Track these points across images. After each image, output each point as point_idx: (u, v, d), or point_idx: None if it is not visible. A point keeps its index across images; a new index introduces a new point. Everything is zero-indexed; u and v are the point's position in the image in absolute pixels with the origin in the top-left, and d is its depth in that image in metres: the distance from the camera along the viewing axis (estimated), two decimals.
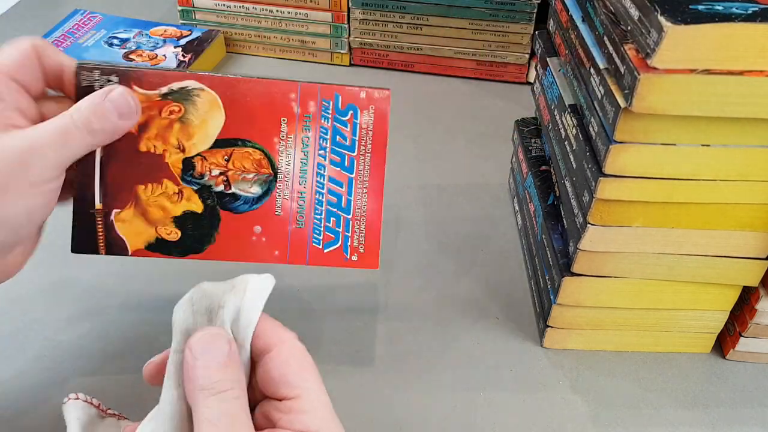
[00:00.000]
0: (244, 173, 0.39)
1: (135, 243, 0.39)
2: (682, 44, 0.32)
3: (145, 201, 0.39)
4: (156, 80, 0.38)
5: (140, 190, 0.39)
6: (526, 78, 0.76)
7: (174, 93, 0.38)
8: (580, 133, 0.42)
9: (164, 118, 0.38)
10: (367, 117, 0.40)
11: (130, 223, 0.39)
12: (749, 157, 0.37)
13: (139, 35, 0.77)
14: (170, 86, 0.38)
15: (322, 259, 0.40)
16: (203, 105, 0.38)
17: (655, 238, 0.41)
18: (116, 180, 0.38)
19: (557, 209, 0.48)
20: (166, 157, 0.38)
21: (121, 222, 0.39)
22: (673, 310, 0.46)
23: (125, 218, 0.39)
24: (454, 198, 0.61)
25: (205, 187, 0.39)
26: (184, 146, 0.39)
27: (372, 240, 0.41)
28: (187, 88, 0.38)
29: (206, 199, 0.39)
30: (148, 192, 0.39)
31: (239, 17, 0.77)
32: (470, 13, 0.72)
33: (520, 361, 0.47)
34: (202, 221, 0.39)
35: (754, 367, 0.47)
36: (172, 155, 0.39)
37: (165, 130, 0.38)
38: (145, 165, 0.38)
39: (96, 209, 0.38)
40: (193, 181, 0.39)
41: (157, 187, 0.39)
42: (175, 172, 0.39)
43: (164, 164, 0.39)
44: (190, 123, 0.38)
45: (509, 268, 0.54)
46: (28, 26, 0.82)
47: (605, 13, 0.38)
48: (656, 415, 0.44)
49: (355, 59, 0.78)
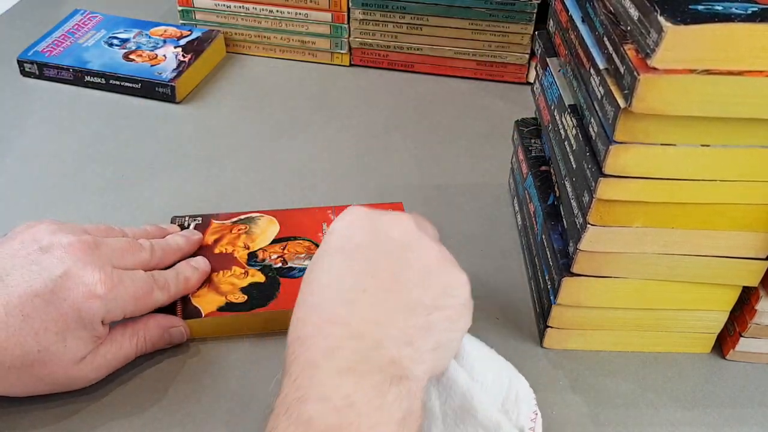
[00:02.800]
0: (297, 255, 0.51)
1: (208, 308, 0.47)
2: (682, 44, 0.32)
3: (217, 282, 0.49)
4: (229, 215, 0.54)
5: (213, 276, 0.49)
6: (526, 78, 0.75)
7: (241, 220, 0.54)
8: (580, 133, 0.42)
9: (234, 233, 0.52)
10: None
11: (205, 296, 0.48)
12: (749, 157, 0.37)
13: (139, 35, 0.77)
14: (239, 217, 0.54)
15: None
16: (263, 223, 0.53)
17: (655, 239, 0.41)
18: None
19: (557, 209, 0.48)
20: (235, 254, 0.51)
21: (197, 297, 0.47)
22: (673, 310, 0.46)
23: (200, 294, 0.48)
24: (454, 198, 0.61)
25: (266, 266, 0.50)
26: (249, 246, 0.51)
27: None
28: (250, 216, 0.54)
29: (268, 273, 0.49)
30: (219, 276, 0.49)
31: (239, 17, 0.77)
32: (470, 13, 0.72)
33: (520, 361, 0.47)
34: (265, 287, 0.48)
35: (754, 367, 0.47)
36: (239, 251, 0.51)
37: (234, 239, 0.52)
38: (218, 261, 0.50)
39: None
40: (256, 264, 0.50)
41: (227, 272, 0.49)
42: (242, 260, 0.50)
43: (233, 258, 0.50)
44: (253, 233, 0.52)
45: (509, 268, 0.54)
46: (28, 26, 0.82)
47: (605, 13, 0.38)
48: (656, 415, 0.44)
49: (355, 59, 0.78)
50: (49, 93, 0.72)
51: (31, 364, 0.39)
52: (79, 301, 0.39)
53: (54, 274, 0.40)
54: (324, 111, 0.71)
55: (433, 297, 0.35)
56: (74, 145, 0.65)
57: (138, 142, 0.66)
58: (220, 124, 0.69)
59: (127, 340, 0.43)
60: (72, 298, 0.39)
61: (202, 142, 0.66)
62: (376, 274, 0.35)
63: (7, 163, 0.63)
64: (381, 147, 0.66)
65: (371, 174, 0.63)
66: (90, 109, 0.70)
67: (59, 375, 0.40)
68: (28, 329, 0.38)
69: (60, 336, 0.39)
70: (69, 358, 0.40)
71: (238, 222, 0.53)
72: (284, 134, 0.68)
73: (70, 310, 0.39)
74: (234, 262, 0.50)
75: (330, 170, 0.63)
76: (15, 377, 0.39)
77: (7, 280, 0.39)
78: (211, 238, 0.52)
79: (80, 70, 0.72)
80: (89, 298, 0.40)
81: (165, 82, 0.70)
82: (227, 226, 0.53)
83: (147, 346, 0.44)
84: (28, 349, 0.38)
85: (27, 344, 0.38)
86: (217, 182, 0.62)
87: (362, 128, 0.69)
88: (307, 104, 0.72)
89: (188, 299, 0.47)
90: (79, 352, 0.40)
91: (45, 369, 0.39)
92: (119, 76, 0.71)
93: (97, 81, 0.72)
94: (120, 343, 0.43)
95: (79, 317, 0.39)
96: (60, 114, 0.69)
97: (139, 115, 0.69)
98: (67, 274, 0.40)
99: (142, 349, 0.44)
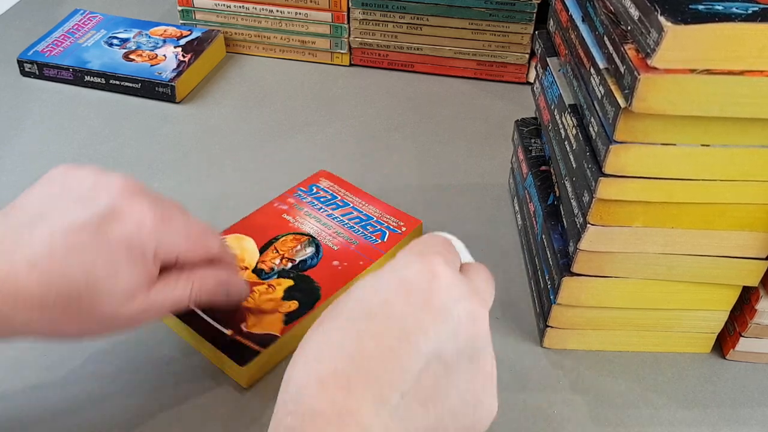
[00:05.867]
0: (296, 249, 0.51)
1: (275, 328, 0.46)
2: (682, 44, 0.32)
3: (255, 306, 0.47)
4: None
5: (246, 305, 0.47)
6: (526, 78, 0.76)
7: None
8: (580, 133, 0.42)
9: None
10: (325, 183, 0.58)
11: (260, 322, 0.46)
12: (749, 157, 0.37)
13: (139, 35, 0.77)
14: None
15: (387, 245, 0.53)
16: (235, 242, 0.52)
17: (655, 238, 0.41)
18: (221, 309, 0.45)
19: (557, 209, 0.48)
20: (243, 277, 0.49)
21: (254, 326, 0.46)
22: (673, 310, 0.46)
23: (253, 323, 0.46)
24: (454, 198, 0.61)
25: (281, 271, 0.50)
26: (244, 266, 0.50)
27: (401, 216, 0.56)
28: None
29: (289, 275, 0.50)
30: (251, 301, 0.48)
31: (239, 17, 0.77)
32: (470, 13, 0.72)
33: (520, 361, 0.47)
34: (302, 286, 0.49)
35: (754, 367, 0.47)
36: (244, 274, 0.50)
37: None
38: None
39: (229, 334, 0.46)
40: (270, 275, 0.50)
41: (254, 294, 0.48)
42: (254, 279, 0.49)
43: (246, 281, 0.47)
44: (236, 255, 0.50)
45: (509, 268, 0.54)
46: (28, 26, 0.82)
47: (605, 13, 0.38)
48: (656, 415, 0.44)
49: (355, 59, 0.78)
50: (49, 93, 0.72)
51: (78, 297, 0.36)
52: (128, 234, 0.37)
53: (100, 207, 0.37)
54: (324, 111, 0.71)
55: (458, 428, 0.32)
56: (74, 145, 0.65)
57: (138, 142, 0.66)
58: (220, 124, 0.69)
59: (180, 284, 0.40)
60: (121, 231, 0.37)
61: (201, 142, 0.66)
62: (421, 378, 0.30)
63: (7, 163, 0.63)
64: (381, 147, 0.66)
65: (371, 174, 0.63)
66: (90, 109, 0.70)
67: (108, 312, 0.37)
68: (74, 261, 0.36)
69: (109, 270, 0.37)
70: (118, 293, 0.37)
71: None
72: (284, 134, 0.68)
73: (119, 243, 0.37)
74: (250, 285, 0.48)
75: (330, 170, 0.63)
76: (61, 312, 0.36)
77: (50, 215, 0.37)
78: None
79: (80, 70, 0.72)
80: (139, 231, 0.38)
81: (165, 82, 0.70)
82: None
83: (201, 296, 0.41)
84: (76, 283, 0.36)
85: (74, 277, 0.36)
86: (216, 182, 0.62)
87: (362, 128, 0.69)
88: (307, 104, 0.72)
89: (250, 336, 0.45)
90: (129, 288, 0.38)
91: (93, 304, 0.37)
92: (119, 76, 0.71)
93: (97, 81, 0.72)
94: (173, 286, 0.40)
95: (129, 251, 0.37)
96: (60, 114, 0.69)
97: (139, 115, 0.69)
98: (115, 207, 0.38)
99: (196, 298, 0.41)
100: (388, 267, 0.34)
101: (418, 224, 0.55)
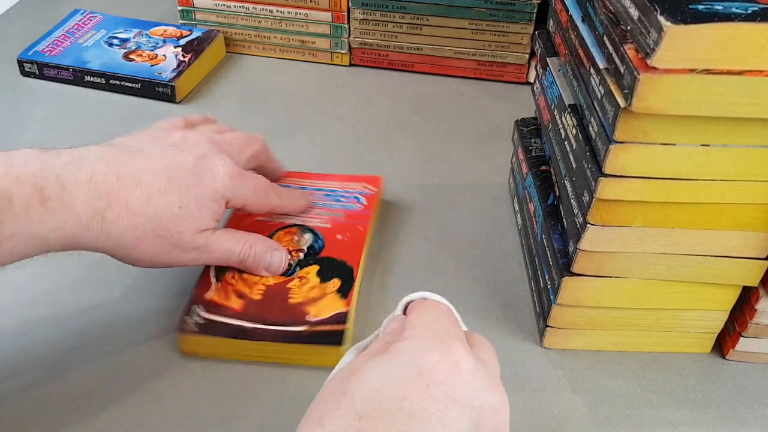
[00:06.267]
0: (292, 240, 0.52)
1: (339, 306, 0.47)
2: (682, 44, 0.32)
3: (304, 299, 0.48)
4: None
5: (290, 298, 0.48)
6: (526, 78, 0.76)
7: None
8: (580, 133, 0.42)
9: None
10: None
11: (321, 308, 0.47)
12: (749, 157, 0.37)
13: (139, 35, 0.77)
14: None
15: (369, 207, 0.56)
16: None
17: (655, 238, 0.41)
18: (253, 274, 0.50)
19: (557, 209, 0.48)
20: (254, 292, 0.49)
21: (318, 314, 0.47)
22: (673, 310, 0.46)
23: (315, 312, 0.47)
24: (454, 198, 0.61)
25: (296, 264, 0.51)
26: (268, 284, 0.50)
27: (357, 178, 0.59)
28: None
29: (309, 263, 0.51)
30: (295, 299, 0.48)
31: (239, 17, 0.77)
32: (470, 13, 0.72)
33: (520, 361, 0.47)
34: (327, 265, 0.50)
35: (754, 367, 0.47)
36: (266, 283, 0.49)
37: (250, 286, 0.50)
38: (277, 299, 0.48)
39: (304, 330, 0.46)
40: (292, 271, 0.50)
41: (294, 292, 0.48)
42: (282, 279, 0.50)
43: (272, 287, 0.49)
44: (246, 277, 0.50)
45: (509, 268, 0.54)
46: (28, 26, 0.82)
47: (605, 13, 0.38)
48: (656, 415, 0.44)
49: (355, 59, 0.78)
50: (49, 93, 0.72)
51: (170, 218, 0.44)
52: (215, 178, 0.46)
53: (194, 154, 0.46)
54: (324, 111, 0.71)
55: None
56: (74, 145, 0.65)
57: None
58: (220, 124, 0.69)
59: (237, 238, 0.48)
60: (209, 175, 0.45)
61: None
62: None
63: None
64: (381, 147, 0.66)
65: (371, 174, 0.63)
66: (90, 109, 0.70)
67: (186, 237, 0.44)
68: (173, 188, 0.44)
69: (198, 202, 0.45)
70: (198, 222, 0.45)
71: None
72: (284, 134, 0.68)
73: (207, 182, 0.45)
74: (282, 290, 0.49)
75: (330, 170, 0.63)
76: (151, 228, 0.43)
77: (149, 151, 0.45)
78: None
79: (80, 70, 0.72)
80: (223, 178, 0.46)
81: (165, 82, 0.70)
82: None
83: (249, 255, 0.48)
84: (172, 205, 0.44)
85: (171, 200, 0.44)
86: None
87: (362, 128, 0.69)
88: (307, 104, 0.72)
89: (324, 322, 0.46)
90: (205, 222, 0.45)
91: (179, 226, 0.44)
92: (119, 76, 0.71)
93: (97, 81, 0.72)
94: (231, 236, 0.48)
95: (214, 191, 0.45)
96: (60, 114, 0.69)
97: (139, 115, 0.69)
98: (206, 157, 0.46)
99: (245, 253, 0.48)
100: (399, 351, 0.32)
101: (378, 180, 0.58)
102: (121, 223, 0.42)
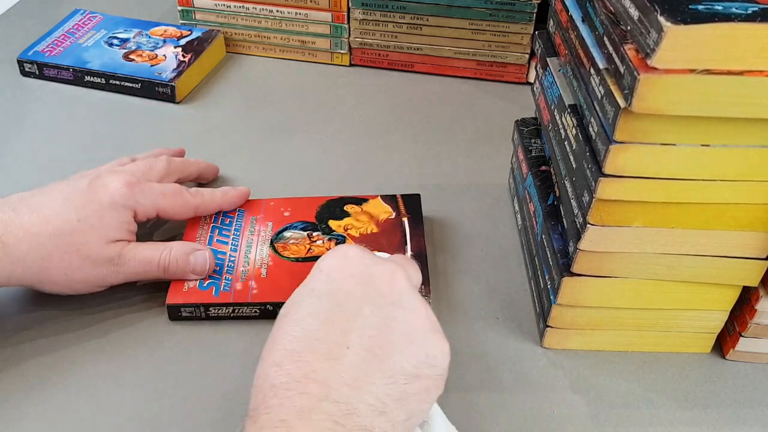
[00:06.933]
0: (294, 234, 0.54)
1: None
2: (682, 44, 0.32)
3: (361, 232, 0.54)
4: None
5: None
6: (526, 78, 0.75)
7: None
8: (580, 133, 0.42)
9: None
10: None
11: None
12: (749, 157, 0.37)
13: (139, 35, 0.77)
14: None
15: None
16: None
17: (655, 238, 0.41)
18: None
19: (557, 209, 0.48)
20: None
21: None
22: (673, 310, 0.46)
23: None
24: (454, 198, 0.61)
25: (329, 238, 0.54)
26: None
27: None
28: None
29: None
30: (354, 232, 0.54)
31: (239, 17, 0.77)
32: (470, 13, 0.72)
33: (520, 361, 0.47)
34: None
35: (754, 367, 0.47)
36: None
37: None
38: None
39: None
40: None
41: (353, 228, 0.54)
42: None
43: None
44: None
45: (509, 268, 0.54)
46: (28, 26, 0.82)
47: (605, 13, 0.38)
48: (656, 415, 0.44)
49: (355, 59, 0.78)
50: (49, 93, 0.72)
51: (71, 232, 0.45)
52: (109, 190, 0.48)
53: (88, 177, 0.48)
54: (324, 111, 0.71)
55: (414, 365, 0.35)
56: (74, 145, 0.65)
57: (138, 142, 0.66)
58: (220, 124, 0.69)
59: (155, 246, 0.49)
60: (103, 190, 0.47)
61: (201, 142, 0.66)
62: (362, 332, 0.35)
63: (7, 163, 0.63)
64: (381, 147, 0.66)
65: (371, 174, 0.63)
66: (90, 109, 0.70)
67: (93, 247, 0.46)
68: (70, 207, 0.46)
69: (97, 213, 0.46)
70: (103, 232, 0.46)
71: None
72: (284, 134, 0.68)
73: (103, 195, 0.47)
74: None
75: (330, 170, 0.63)
76: (54, 246, 0.45)
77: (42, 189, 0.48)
78: None
79: (80, 70, 0.72)
80: (119, 188, 0.48)
81: (165, 82, 0.70)
82: None
83: (170, 261, 0.48)
84: (70, 220, 0.45)
85: (68, 215, 0.45)
86: (216, 182, 0.62)
87: (362, 128, 0.69)
88: (307, 104, 0.72)
89: None
90: (110, 232, 0.47)
91: (82, 237, 0.45)
92: (119, 76, 0.71)
93: (97, 81, 0.72)
94: (148, 245, 0.48)
95: (112, 202, 0.47)
96: (60, 114, 0.69)
97: (139, 115, 0.69)
98: (99, 177, 0.49)
99: (165, 260, 0.48)
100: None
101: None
102: (22, 247, 0.44)
